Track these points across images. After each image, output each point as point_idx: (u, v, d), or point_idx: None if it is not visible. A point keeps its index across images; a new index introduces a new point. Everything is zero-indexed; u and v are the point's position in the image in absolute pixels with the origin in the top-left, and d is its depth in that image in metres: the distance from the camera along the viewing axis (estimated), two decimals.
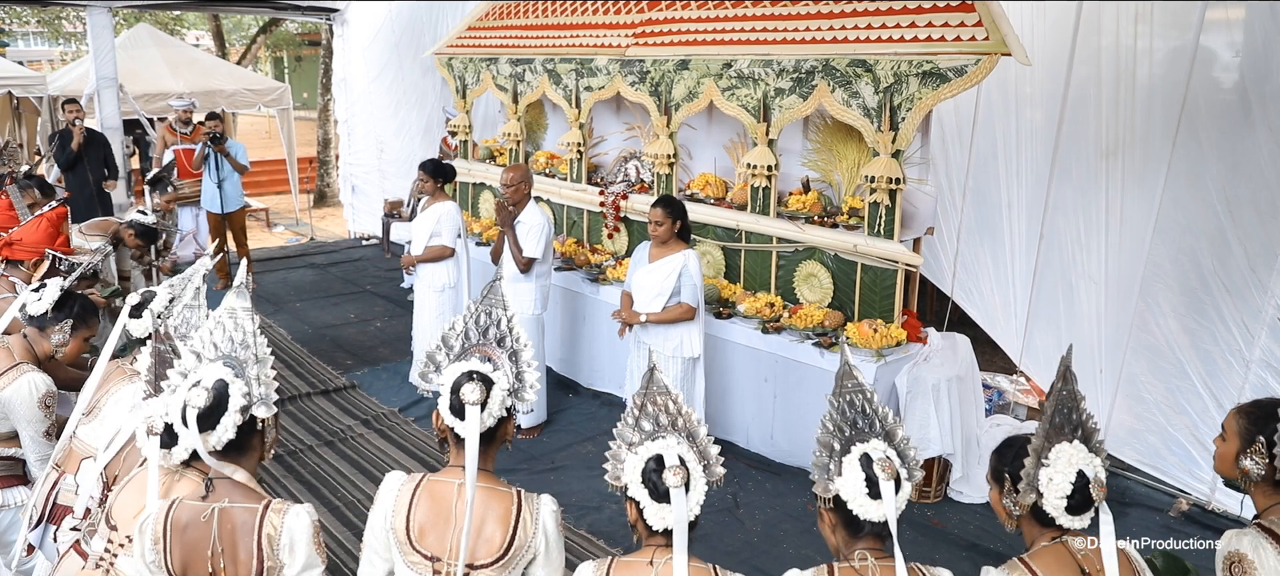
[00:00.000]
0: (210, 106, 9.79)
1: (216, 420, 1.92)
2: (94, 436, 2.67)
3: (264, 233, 12.10)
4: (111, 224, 5.65)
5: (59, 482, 2.64)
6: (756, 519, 4.45)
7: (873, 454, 1.74)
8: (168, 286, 2.92)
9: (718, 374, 5.09)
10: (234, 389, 1.94)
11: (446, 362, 1.97)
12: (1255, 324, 4.22)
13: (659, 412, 1.87)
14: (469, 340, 2.03)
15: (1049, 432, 1.83)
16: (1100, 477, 1.77)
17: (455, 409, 1.89)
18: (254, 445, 2.05)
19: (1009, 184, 5.42)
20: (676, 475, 1.74)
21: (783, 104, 5.00)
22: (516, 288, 5.20)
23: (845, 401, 1.83)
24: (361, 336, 7.20)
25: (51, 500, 2.59)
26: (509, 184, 5.09)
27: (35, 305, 3.15)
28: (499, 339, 2.04)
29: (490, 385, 1.92)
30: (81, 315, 3.23)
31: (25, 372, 2.96)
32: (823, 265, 5.03)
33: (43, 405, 2.97)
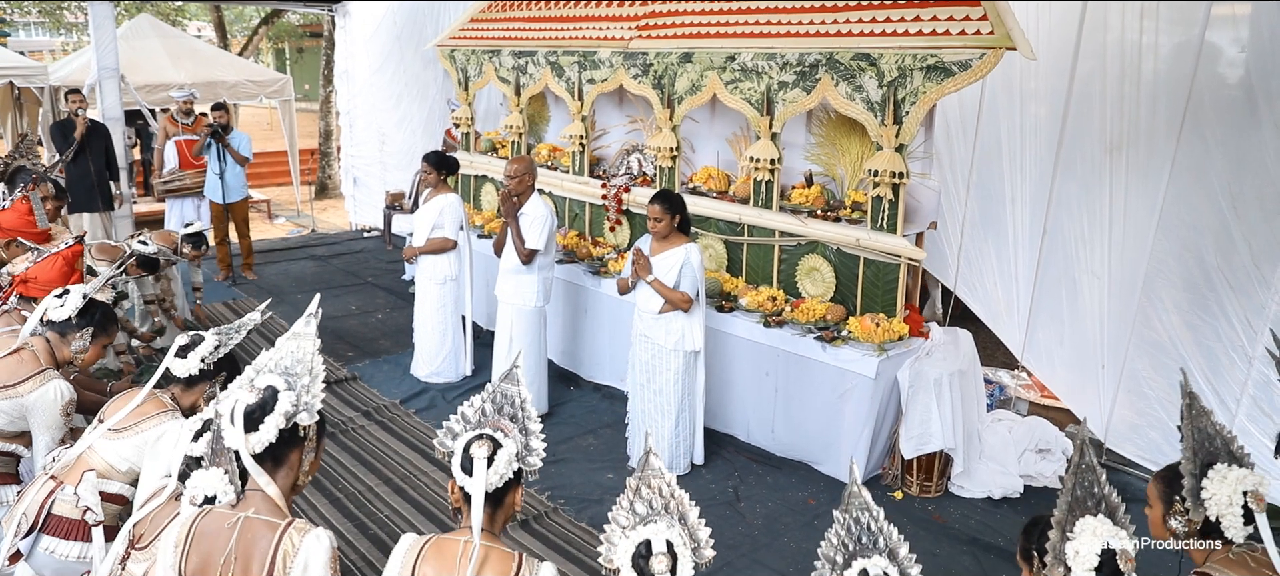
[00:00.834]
0: (212, 98, 9.77)
1: (260, 421, 2.00)
2: (110, 450, 2.68)
3: (266, 224, 12.08)
4: (119, 250, 5.68)
5: (56, 493, 2.63)
6: (757, 512, 4.44)
7: (871, 570, 1.84)
8: (215, 333, 2.94)
9: (719, 367, 5.08)
10: (283, 396, 2.04)
11: (464, 434, 2.11)
12: (1259, 320, 4.21)
13: (653, 496, 1.97)
14: (485, 415, 2.17)
15: (1072, 506, 1.89)
16: (1127, 550, 1.82)
17: (465, 465, 2.01)
18: (293, 461, 2.10)
19: (1013, 179, 5.41)
20: (661, 561, 1.84)
21: (786, 97, 4.99)
22: (519, 279, 5.19)
23: (851, 517, 1.96)
24: (363, 328, 7.20)
25: (46, 510, 2.59)
26: (513, 175, 5.08)
27: (58, 311, 3.16)
28: (512, 416, 2.17)
29: (498, 446, 2.03)
30: (102, 323, 3.26)
31: (51, 379, 3.00)
32: (825, 259, 5.02)
33: (64, 413, 3.02)
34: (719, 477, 4.78)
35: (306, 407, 2.08)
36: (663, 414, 4.71)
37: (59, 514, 2.59)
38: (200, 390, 2.89)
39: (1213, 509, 2.01)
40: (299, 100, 13.39)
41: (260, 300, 7.63)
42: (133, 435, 2.72)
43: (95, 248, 5.44)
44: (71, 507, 2.60)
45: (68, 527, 2.59)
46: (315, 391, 2.11)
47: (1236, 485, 2.00)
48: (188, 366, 2.83)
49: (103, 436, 2.71)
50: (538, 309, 5.27)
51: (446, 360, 6.00)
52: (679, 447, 4.76)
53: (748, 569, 3.97)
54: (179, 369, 2.85)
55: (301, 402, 2.08)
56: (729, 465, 4.92)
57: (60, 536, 2.59)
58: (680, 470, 4.80)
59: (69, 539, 2.59)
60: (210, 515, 2.00)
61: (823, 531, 4.31)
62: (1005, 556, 4.09)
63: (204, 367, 2.84)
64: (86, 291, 3.29)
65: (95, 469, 2.66)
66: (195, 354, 2.84)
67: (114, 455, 2.70)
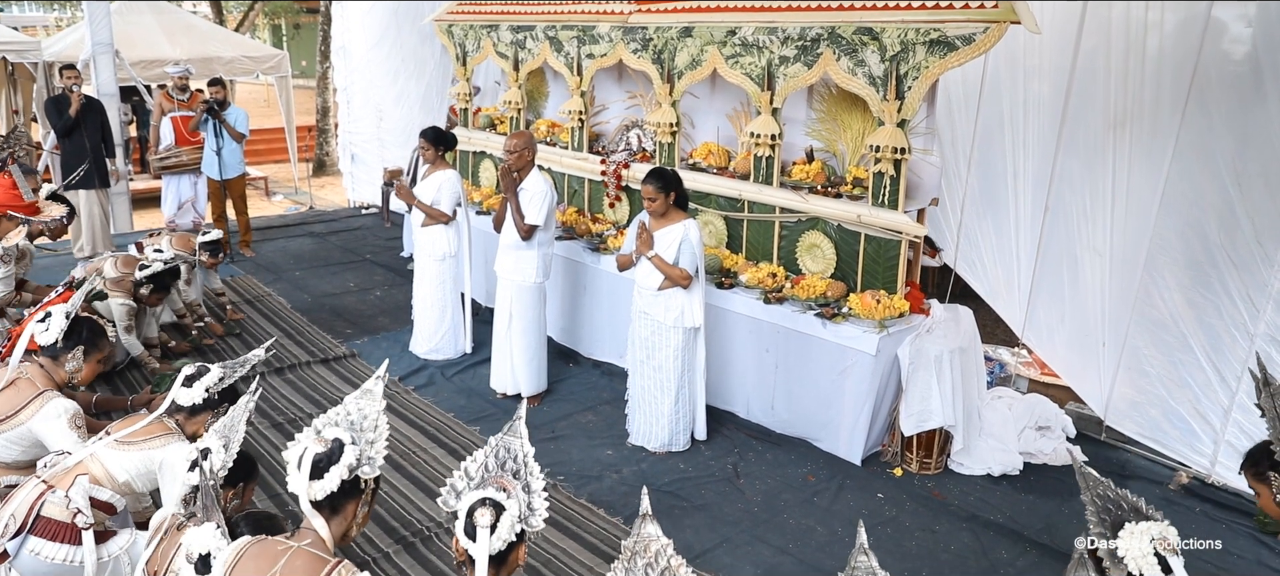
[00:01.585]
0: (207, 74, 9.69)
1: (326, 470, 2.14)
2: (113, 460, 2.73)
3: (263, 201, 12.04)
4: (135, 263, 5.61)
5: (46, 495, 2.65)
6: (757, 488, 4.45)
7: None
8: (221, 367, 3.01)
9: (719, 344, 5.07)
10: (349, 450, 2.18)
11: (466, 491, 2.13)
12: (1261, 298, 4.19)
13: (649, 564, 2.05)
14: (488, 471, 2.20)
15: None
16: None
17: (468, 531, 2.05)
18: (348, 511, 2.22)
19: (1015, 155, 5.38)
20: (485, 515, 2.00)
21: (787, 72, 4.94)
22: (518, 255, 5.17)
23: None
24: (361, 305, 7.18)
25: (36, 512, 2.61)
26: (513, 150, 5.04)
27: (44, 335, 3.17)
28: (515, 471, 2.20)
29: (501, 510, 2.05)
30: (91, 340, 3.25)
31: (50, 399, 3.02)
32: (826, 235, 4.99)
33: (73, 425, 3.03)
34: (718, 454, 4.78)
35: (369, 461, 2.22)
36: (663, 390, 4.70)
37: (48, 515, 2.61)
38: (203, 419, 2.96)
39: None
40: (296, 77, 13.31)
41: (258, 277, 7.63)
42: (138, 450, 2.78)
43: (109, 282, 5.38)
44: (61, 510, 2.63)
45: (56, 530, 2.62)
46: (379, 448, 2.24)
47: None
48: (192, 395, 2.91)
49: (108, 445, 2.77)
50: (537, 285, 5.25)
51: (446, 337, 5.99)
52: (679, 424, 4.76)
53: (747, 544, 3.97)
54: (184, 398, 2.92)
55: (364, 457, 2.21)
56: (728, 442, 4.91)
57: (48, 538, 2.61)
58: (680, 446, 4.79)
59: (56, 541, 2.61)
60: (264, 543, 2.14)
61: (822, 508, 4.33)
62: (1004, 532, 4.10)
63: (208, 397, 2.92)
64: (68, 310, 3.27)
65: (88, 475, 2.70)
66: (200, 383, 2.92)
67: (116, 465, 2.75)
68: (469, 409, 5.28)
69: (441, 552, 3.80)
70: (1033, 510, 4.31)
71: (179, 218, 9.29)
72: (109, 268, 5.57)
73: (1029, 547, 3.99)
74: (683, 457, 4.75)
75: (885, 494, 4.43)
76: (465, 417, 5.14)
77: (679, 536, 4.02)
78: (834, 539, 4.03)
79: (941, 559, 3.90)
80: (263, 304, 7.07)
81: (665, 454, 4.76)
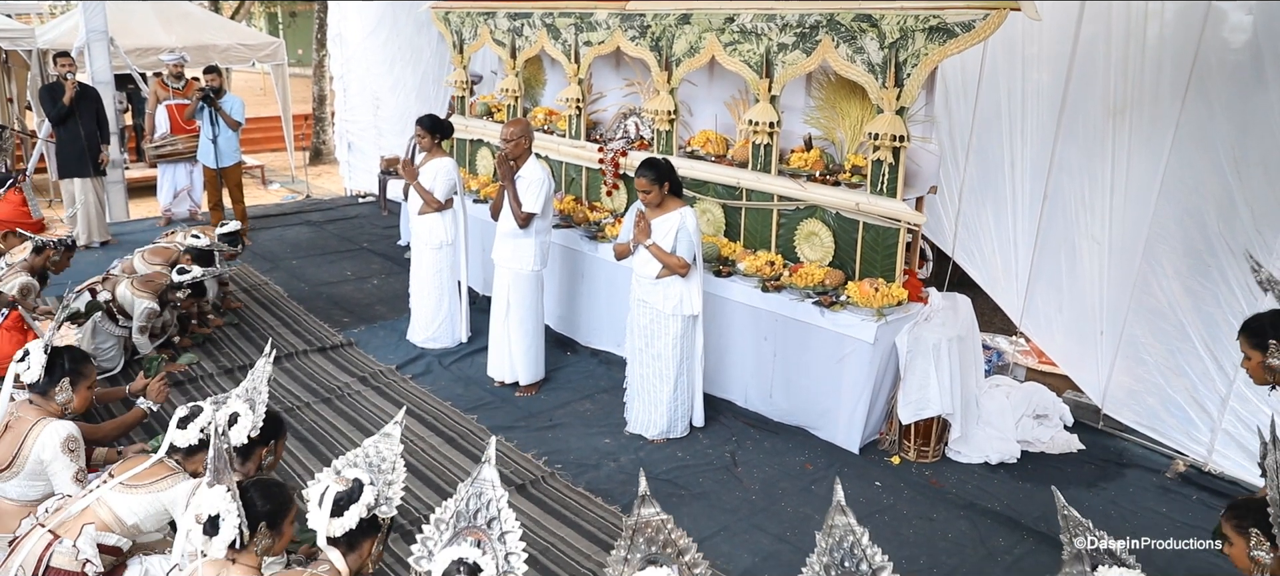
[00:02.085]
0: (203, 61, 9.62)
1: (346, 508, 2.24)
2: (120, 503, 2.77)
3: (260, 190, 11.99)
4: (172, 252, 5.73)
5: (53, 545, 2.66)
6: (755, 477, 4.45)
7: None
8: (211, 402, 3.03)
9: (717, 332, 5.06)
10: (368, 490, 2.27)
11: (439, 546, 2.05)
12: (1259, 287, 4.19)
13: (650, 539, 2.02)
14: (460, 521, 2.11)
15: None
16: None
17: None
18: (364, 549, 2.31)
19: (1013, 143, 5.36)
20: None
21: (786, 59, 4.92)
22: (516, 243, 5.15)
23: (834, 541, 1.98)
24: (358, 294, 7.16)
25: (45, 563, 2.63)
26: (510, 138, 5.01)
27: (27, 374, 3.17)
28: (489, 521, 2.11)
29: (477, 572, 1.99)
30: (74, 370, 3.25)
31: (46, 423, 3.06)
32: (824, 223, 4.98)
33: (67, 449, 3.04)
34: (716, 443, 4.78)
35: (387, 501, 2.31)
36: (661, 378, 4.69)
37: (57, 566, 2.64)
38: (201, 458, 2.95)
39: None
40: (292, 65, 13.22)
41: (255, 265, 7.60)
42: (146, 493, 2.81)
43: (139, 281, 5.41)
44: (70, 560, 2.65)
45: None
46: (397, 488, 2.33)
47: None
48: (188, 437, 2.95)
49: (114, 489, 2.79)
50: (535, 273, 5.23)
51: (443, 325, 5.97)
52: (677, 411, 4.76)
53: (745, 533, 3.97)
54: (180, 439, 2.95)
55: (382, 497, 2.30)
56: (726, 430, 4.91)
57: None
58: (679, 433, 4.79)
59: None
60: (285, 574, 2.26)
61: (820, 496, 4.34)
62: (1001, 521, 4.11)
63: (203, 437, 2.94)
64: (45, 343, 3.25)
65: (95, 521, 2.71)
66: (194, 425, 2.95)
67: (123, 508, 2.78)
68: (466, 397, 5.27)
69: None
70: (1030, 498, 4.31)
71: (175, 206, 9.26)
72: (139, 262, 5.60)
73: (1026, 535, 3.99)
74: (681, 446, 4.75)
75: (883, 482, 4.43)
76: (463, 406, 5.13)
77: (677, 525, 4.01)
78: None
79: (939, 547, 3.91)
80: (259, 292, 7.05)
81: (663, 442, 4.76)
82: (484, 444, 4.68)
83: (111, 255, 7.32)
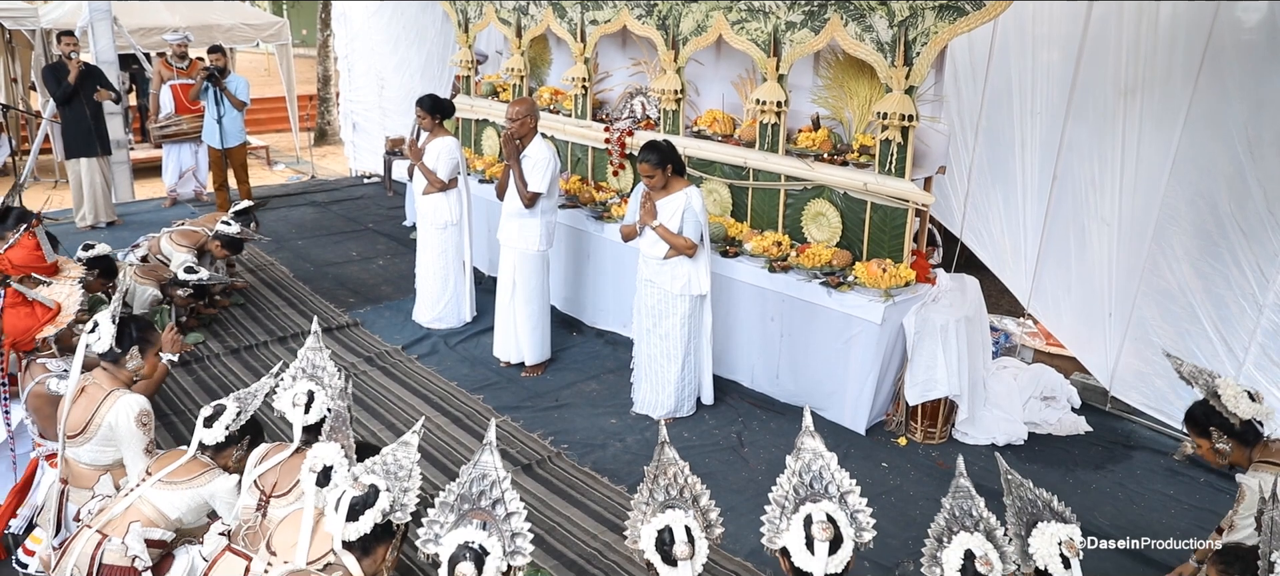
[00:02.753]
0: (207, 41, 9.59)
1: (361, 513, 2.23)
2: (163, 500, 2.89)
3: (264, 170, 11.97)
4: (199, 236, 5.80)
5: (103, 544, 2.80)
6: (761, 458, 4.44)
7: (815, 515, 1.97)
8: (234, 398, 3.12)
9: (723, 312, 5.04)
10: (383, 496, 2.26)
11: (445, 529, 2.09)
12: (1271, 267, 4.16)
13: (669, 484, 2.16)
14: (464, 504, 2.15)
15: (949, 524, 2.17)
16: (990, 557, 2.06)
17: None
18: (378, 554, 2.32)
19: (1023, 123, 5.31)
20: (685, 549, 2.03)
21: (794, 38, 4.87)
22: (521, 223, 5.13)
23: (803, 464, 2.09)
24: (364, 274, 7.16)
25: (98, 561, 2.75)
26: (515, 117, 4.98)
27: (97, 344, 3.27)
28: (493, 503, 2.15)
29: (484, 557, 2.02)
30: (143, 336, 3.36)
31: (120, 396, 3.16)
32: (831, 204, 4.95)
33: (140, 423, 3.15)
34: (723, 423, 4.77)
35: (402, 508, 2.29)
36: (669, 359, 4.68)
37: (109, 563, 2.75)
38: (229, 454, 3.08)
39: None
40: (296, 45, 13.19)
41: (261, 246, 7.59)
42: (186, 488, 2.93)
43: (176, 232, 5.62)
44: (120, 556, 2.77)
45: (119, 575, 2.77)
46: (412, 495, 2.32)
47: None
48: (215, 435, 3.03)
49: (154, 487, 2.91)
50: (541, 253, 5.22)
51: (449, 306, 5.97)
52: (685, 391, 4.75)
53: (751, 513, 3.97)
54: (208, 437, 3.04)
55: (397, 503, 2.28)
56: (733, 411, 4.91)
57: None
58: (686, 412, 4.79)
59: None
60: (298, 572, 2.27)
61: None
62: None
63: (230, 434, 3.04)
64: (112, 314, 3.36)
65: (140, 518, 2.84)
66: (220, 422, 3.04)
67: (166, 504, 2.89)
68: (472, 377, 5.27)
69: None
70: (1037, 480, 4.22)
71: (180, 187, 9.26)
72: (166, 243, 5.64)
73: None
74: (687, 426, 4.74)
75: (889, 463, 4.42)
76: (469, 386, 5.13)
77: None
78: None
79: None
80: (265, 272, 7.05)
81: (670, 422, 4.76)
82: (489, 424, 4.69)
83: (117, 235, 7.33)
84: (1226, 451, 2.89)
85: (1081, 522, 2.27)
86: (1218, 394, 2.88)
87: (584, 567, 3.57)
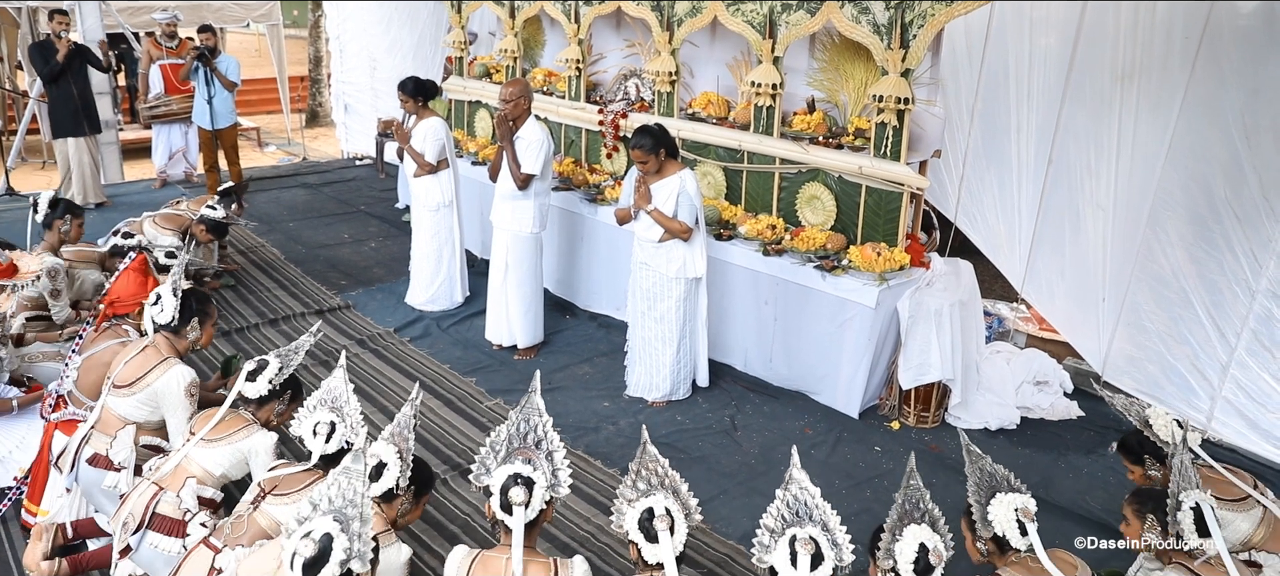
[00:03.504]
0: (196, 21, 9.48)
1: (319, 569, 2.08)
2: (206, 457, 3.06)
3: (256, 152, 11.89)
4: (184, 220, 5.82)
5: (159, 496, 2.96)
6: (754, 441, 4.44)
7: (800, 536, 2.19)
8: (276, 355, 3.30)
9: (717, 296, 5.03)
10: (337, 544, 2.09)
11: (494, 465, 2.39)
12: (1264, 253, 4.16)
13: (650, 476, 2.39)
14: (511, 444, 2.44)
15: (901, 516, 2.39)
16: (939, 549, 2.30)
17: (505, 507, 2.33)
18: (396, 501, 2.51)
19: (1019, 107, 5.29)
20: (664, 521, 2.27)
21: (789, 20, 4.84)
22: (515, 205, 5.10)
23: (791, 494, 2.30)
24: (356, 256, 7.12)
25: (152, 510, 2.94)
26: (508, 98, 4.94)
27: (160, 315, 3.50)
28: (536, 442, 2.45)
29: (532, 486, 2.33)
30: (201, 309, 3.59)
31: (174, 365, 3.34)
32: (826, 187, 4.93)
33: (188, 394, 3.32)
34: (716, 406, 4.76)
35: (359, 555, 2.11)
36: (664, 342, 4.67)
37: (163, 513, 2.93)
38: (271, 408, 3.26)
39: None
40: (287, 26, 13.07)
41: (252, 228, 7.54)
42: (226, 444, 3.09)
43: (159, 216, 5.69)
44: (174, 508, 2.95)
45: (170, 526, 2.94)
46: (366, 535, 2.13)
47: None
48: (257, 388, 3.19)
49: (197, 445, 3.08)
50: (534, 235, 5.19)
51: (442, 288, 5.94)
52: (680, 374, 4.74)
53: (743, 496, 3.97)
54: (250, 391, 3.20)
55: (354, 549, 2.10)
56: (726, 394, 4.90)
57: (164, 533, 2.92)
58: (681, 395, 4.79)
59: (171, 536, 2.93)
60: None
61: (819, 461, 4.33)
62: None
63: (272, 388, 3.21)
64: (173, 286, 3.55)
65: (194, 476, 3.02)
66: (263, 377, 3.20)
67: (210, 461, 3.06)
68: (465, 360, 5.25)
69: (439, 503, 3.79)
70: (1030, 464, 4.31)
71: (170, 168, 9.18)
72: (150, 227, 5.59)
73: None
74: (681, 409, 4.73)
75: (882, 447, 4.43)
76: (461, 369, 5.11)
77: None
78: (831, 492, 4.03)
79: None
80: (256, 254, 7.00)
81: (663, 405, 4.75)
82: (483, 406, 4.67)
83: (105, 216, 7.27)
84: (1157, 477, 3.06)
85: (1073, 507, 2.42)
86: (1149, 423, 3.07)
87: (577, 550, 3.56)
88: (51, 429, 3.57)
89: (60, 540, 3.25)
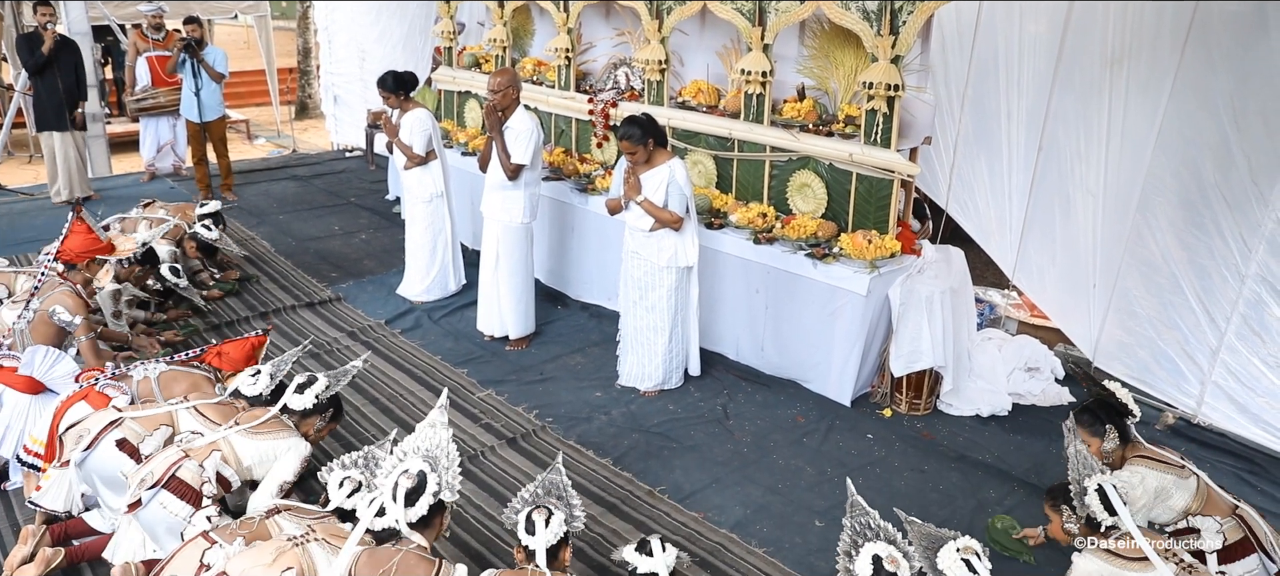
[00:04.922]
0: (183, 12, 9.40)
1: (417, 499, 2.67)
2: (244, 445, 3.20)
3: (245, 145, 11.83)
4: (179, 230, 5.82)
5: (182, 462, 3.04)
6: (746, 430, 4.44)
7: (880, 553, 2.49)
8: (326, 374, 3.45)
9: (708, 285, 5.02)
10: (431, 479, 2.72)
11: (522, 508, 2.74)
12: (1254, 238, 4.17)
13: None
14: (537, 496, 2.80)
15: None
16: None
17: (529, 528, 2.65)
18: (434, 524, 2.74)
19: (1009, 94, 5.28)
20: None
21: (779, 8, 4.81)
22: (505, 195, 5.07)
23: (858, 521, 2.59)
24: (346, 248, 7.09)
25: (171, 473, 3.01)
26: (497, 88, 4.91)
27: (296, 400, 3.44)
28: (558, 496, 2.81)
29: (552, 513, 2.68)
30: (335, 413, 3.58)
31: (300, 442, 3.30)
32: (817, 175, 4.92)
33: (301, 465, 3.29)
34: (708, 395, 4.76)
35: (449, 486, 2.74)
36: (656, 331, 4.66)
37: (181, 477, 3.01)
38: (312, 422, 3.41)
39: None
40: (276, 18, 12.95)
41: (242, 220, 7.50)
42: (267, 439, 3.22)
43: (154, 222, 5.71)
44: (194, 476, 3.04)
45: (185, 491, 3.00)
46: (454, 473, 2.76)
47: None
48: (304, 401, 3.36)
49: (239, 433, 3.21)
50: (524, 226, 5.17)
51: (436, 278, 5.93)
52: (672, 363, 4.74)
53: (737, 485, 3.97)
54: (296, 403, 3.36)
55: (444, 482, 2.74)
56: (718, 383, 4.90)
57: (176, 495, 2.99)
58: (674, 384, 4.78)
59: (183, 501, 2.99)
60: (373, 551, 2.56)
61: (812, 449, 4.33)
62: (992, 473, 4.12)
63: (318, 402, 3.38)
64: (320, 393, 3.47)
65: (222, 453, 3.14)
66: (310, 391, 3.38)
67: (244, 450, 3.19)
68: (456, 351, 5.24)
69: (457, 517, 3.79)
70: (1021, 450, 4.32)
71: (158, 161, 9.11)
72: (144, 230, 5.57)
73: (1016, 487, 4.01)
74: (672, 398, 4.73)
75: (874, 434, 4.43)
76: (453, 360, 5.10)
77: (669, 476, 4.02)
78: (823, 479, 4.04)
79: (930, 498, 3.92)
80: (246, 247, 6.96)
81: (655, 394, 4.74)
82: (475, 397, 4.65)
83: (92, 211, 7.20)
84: (1111, 450, 3.27)
85: None
86: (1109, 389, 3.33)
87: None
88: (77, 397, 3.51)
89: (48, 542, 3.23)
